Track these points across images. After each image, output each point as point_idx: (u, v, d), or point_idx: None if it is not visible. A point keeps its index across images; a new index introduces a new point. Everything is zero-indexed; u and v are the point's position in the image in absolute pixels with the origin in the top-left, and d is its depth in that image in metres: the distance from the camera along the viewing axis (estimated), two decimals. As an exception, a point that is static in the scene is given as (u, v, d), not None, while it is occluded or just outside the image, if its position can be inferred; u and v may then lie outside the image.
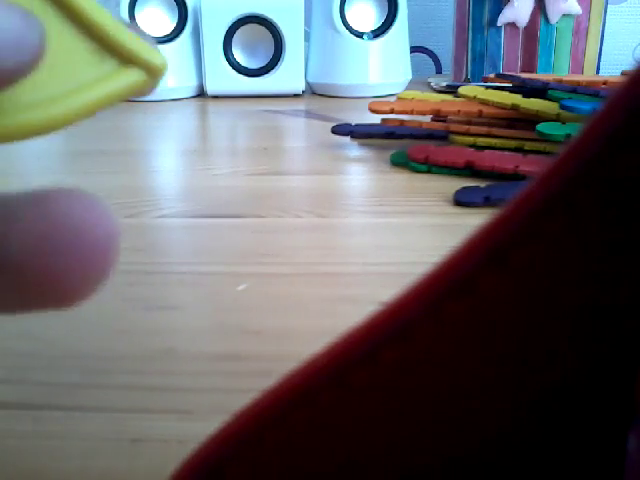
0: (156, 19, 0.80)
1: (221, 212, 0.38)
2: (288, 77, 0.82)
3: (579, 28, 0.78)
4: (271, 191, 0.43)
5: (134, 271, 0.30)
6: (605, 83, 0.50)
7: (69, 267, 0.12)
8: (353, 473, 0.11)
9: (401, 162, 0.48)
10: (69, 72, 0.14)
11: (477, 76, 0.81)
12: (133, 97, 0.15)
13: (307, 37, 0.85)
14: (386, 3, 0.82)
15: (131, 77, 0.15)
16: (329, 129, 0.54)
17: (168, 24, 0.81)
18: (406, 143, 0.52)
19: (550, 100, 0.47)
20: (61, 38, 0.14)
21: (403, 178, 0.45)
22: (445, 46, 1.01)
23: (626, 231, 0.09)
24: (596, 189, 0.09)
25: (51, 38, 0.14)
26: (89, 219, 0.12)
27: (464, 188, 0.40)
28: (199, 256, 0.33)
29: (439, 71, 1.09)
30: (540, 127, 0.43)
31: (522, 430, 0.11)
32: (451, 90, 0.71)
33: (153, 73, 0.15)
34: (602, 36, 0.79)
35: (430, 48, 1.09)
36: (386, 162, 0.49)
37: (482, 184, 0.41)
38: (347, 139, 0.55)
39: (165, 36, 0.81)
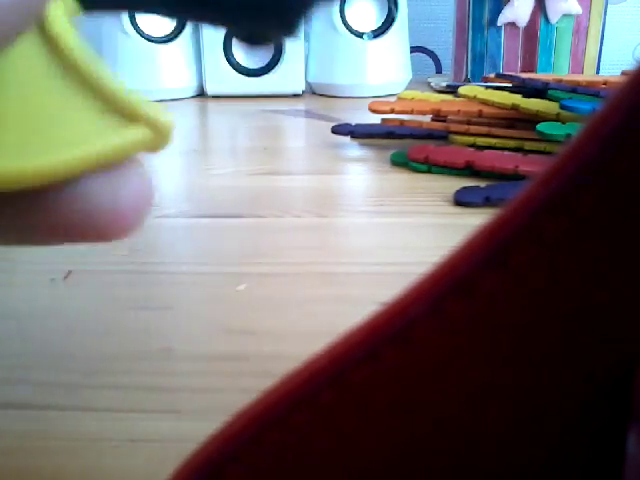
0: (157, 19, 0.80)
1: (221, 212, 0.38)
2: (288, 77, 0.82)
3: (579, 28, 0.78)
4: (271, 191, 0.43)
5: (134, 271, 0.30)
6: (605, 83, 0.50)
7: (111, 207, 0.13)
8: (353, 473, 0.11)
9: (401, 162, 0.48)
10: (74, 125, 0.15)
11: (477, 76, 0.81)
12: (140, 154, 0.16)
13: (307, 37, 0.85)
14: (386, 3, 0.82)
15: (136, 133, 0.15)
16: (329, 129, 0.54)
17: (168, 24, 0.81)
18: (406, 143, 0.52)
19: (550, 100, 0.47)
20: (66, 94, 0.15)
21: (403, 178, 0.45)
22: (445, 46, 1.01)
23: (626, 231, 0.09)
24: (596, 189, 0.09)
25: (56, 94, 0.15)
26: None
27: (464, 188, 0.40)
28: (199, 256, 0.33)
29: (439, 71, 1.09)
30: (540, 127, 0.43)
31: (522, 430, 0.11)
32: (451, 90, 0.71)
33: (159, 131, 0.16)
34: (602, 36, 0.79)
35: (430, 48, 1.09)
36: (386, 162, 0.49)
37: (482, 184, 0.41)
38: (347, 139, 0.55)
39: (165, 36, 0.81)
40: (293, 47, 0.80)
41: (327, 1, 0.29)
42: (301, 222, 0.37)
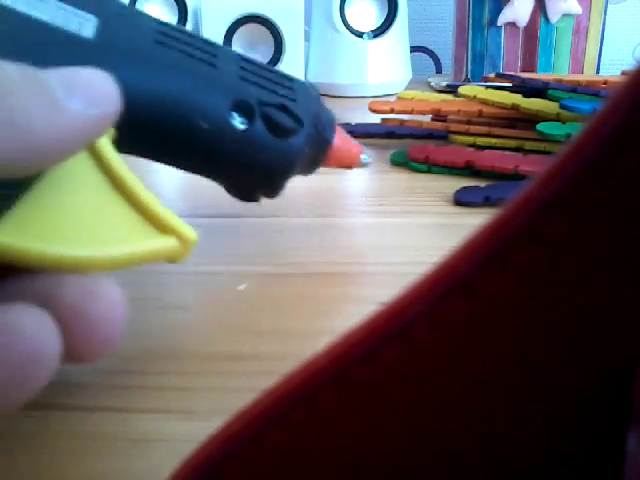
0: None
1: (221, 212, 0.38)
2: (288, 77, 0.82)
3: (579, 28, 0.78)
4: (271, 191, 0.43)
5: (134, 271, 0.30)
6: (605, 83, 0.50)
7: (85, 339, 0.16)
8: (353, 473, 0.11)
9: (401, 162, 0.48)
10: (117, 230, 0.17)
11: (477, 76, 0.81)
12: (165, 262, 0.19)
13: (307, 37, 0.84)
14: (386, 3, 0.82)
15: (165, 243, 0.18)
16: (329, 129, 0.54)
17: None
18: (406, 143, 0.52)
19: (550, 100, 0.47)
20: (112, 205, 0.17)
21: (403, 178, 0.45)
22: (445, 46, 1.01)
23: (626, 231, 0.09)
24: (596, 189, 0.09)
25: (102, 203, 0.17)
26: (106, 306, 0.16)
27: (464, 188, 0.40)
28: (199, 256, 0.33)
29: (439, 71, 1.09)
30: (540, 127, 0.43)
31: (522, 430, 0.11)
32: (451, 90, 0.71)
33: (185, 243, 0.19)
34: (602, 36, 0.79)
35: (430, 48, 1.09)
36: (386, 162, 0.49)
37: (482, 184, 0.41)
38: (347, 139, 0.55)
39: (165, 36, 0.81)
40: (293, 47, 0.80)
41: (306, 171, 0.31)
42: (301, 222, 0.37)
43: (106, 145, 0.18)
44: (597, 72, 0.80)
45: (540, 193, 0.09)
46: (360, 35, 0.82)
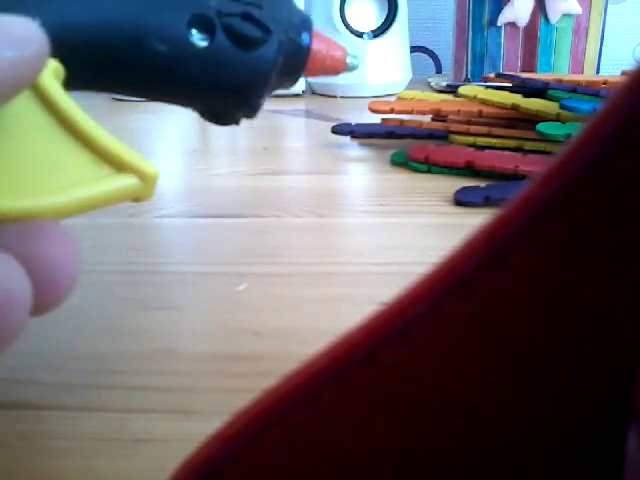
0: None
1: (221, 212, 0.38)
2: (288, 77, 0.82)
3: (579, 28, 0.78)
4: (271, 191, 0.43)
5: (134, 271, 0.30)
6: (605, 83, 0.50)
7: (38, 290, 0.14)
8: (353, 473, 0.11)
9: (401, 162, 0.48)
10: (69, 173, 0.16)
11: (477, 76, 0.81)
12: (129, 201, 0.18)
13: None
14: (386, 3, 0.82)
15: (125, 182, 0.17)
16: (329, 129, 0.54)
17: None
18: (406, 143, 0.52)
19: (550, 100, 0.47)
20: (60, 145, 0.16)
21: (403, 178, 0.45)
22: (445, 46, 1.01)
23: (626, 231, 0.09)
24: (596, 189, 0.09)
25: (51, 145, 0.16)
26: (59, 252, 0.15)
27: (464, 188, 0.40)
28: (199, 256, 0.33)
29: (439, 71, 1.09)
30: (540, 127, 0.43)
31: (522, 430, 0.11)
32: (451, 90, 0.71)
33: (146, 180, 0.17)
34: (602, 36, 0.79)
35: (430, 48, 1.09)
36: (386, 162, 0.49)
37: (482, 184, 0.41)
38: (347, 139, 0.55)
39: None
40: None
41: (287, 83, 0.30)
42: (301, 222, 0.37)
43: (51, 84, 0.17)
44: (597, 72, 0.80)
45: (540, 193, 0.09)
46: (360, 35, 0.82)
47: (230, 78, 0.25)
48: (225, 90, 0.25)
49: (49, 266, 0.14)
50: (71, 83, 0.18)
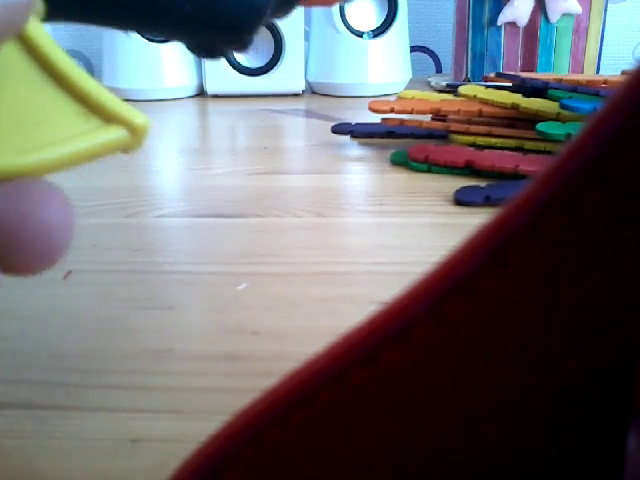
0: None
1: (221, 212, 0.38)
2: (288, 76, 0.82)
3: (579, 27, 0.78)
4: (271, 191, 0.43)
5: (134, 271, 0.30)
6: (605, 82, 0.50)
7: (27, 250, 0.14)
8: (352, 473, 0.11)
9: (401, 161, 0.48)
10: (55, 126, 0.15)
11: (477, 75, 0.81)
12: (118, 153, 0.17)
13: (307, 36, 0.84)
14: (386, 2, 0.82)
15: (114, 134, 0.16)
16: (329, 128, 0.54)
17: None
18: (406, 142, 0.52)
19: (550, 99, 0.47)
20: (48, 97, 0.16)
21: (403, 178, 0.45)
22: (445, 45, 1.01)
23: (626, 231, 0.09)
24: (596, 189, 0.09)
25: (38, 97, 0.16)
26: (50, 213, 0.14)
27: (464, 187, 0.40)
28: (199, 256, 0.33)
29: (439, 70, 1.09)
30: (540, 126, 0.43)
31: (522, 429, 0.11)
32: (451, 89, 0.71)
33: (135, 131, 0.17)
34: (602, 35, 0.79)
35: (430, 47, 1.09)
36: (386, 161, 0.49)
37: (482, 183, 0.41)
38: (347, 138, 0.55)
39: (165, 35, 0.81)
40: (293, 47, 0.80)
41: (282, 15, 0.29)
42: (301, 222, 0.37)
43: (37, 29, 0.16)
44: (597, 72, 0.80)
45: (540, 193, 0.09)
46: (360, 35, 0.82)
47: (225, 15, 0.24)
48: (219, 27, 0.25)
49: (41, 228, 0.14)
50: (56, 13, 0.17)
